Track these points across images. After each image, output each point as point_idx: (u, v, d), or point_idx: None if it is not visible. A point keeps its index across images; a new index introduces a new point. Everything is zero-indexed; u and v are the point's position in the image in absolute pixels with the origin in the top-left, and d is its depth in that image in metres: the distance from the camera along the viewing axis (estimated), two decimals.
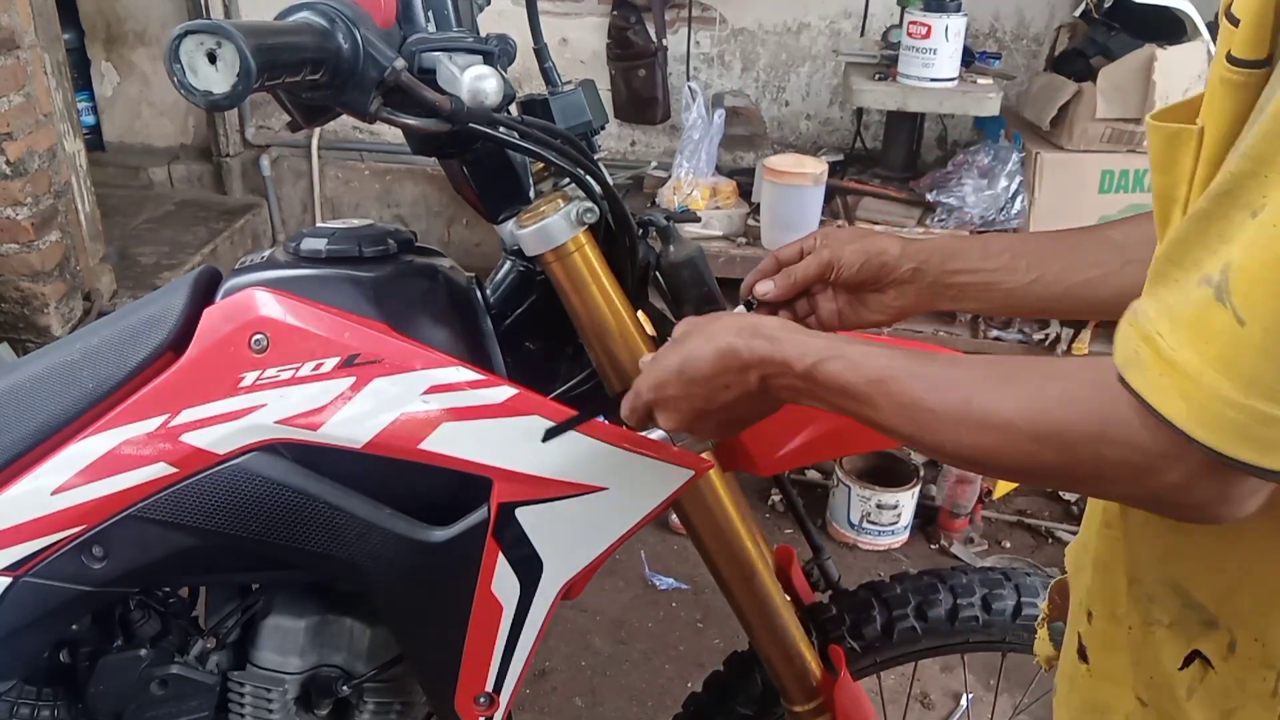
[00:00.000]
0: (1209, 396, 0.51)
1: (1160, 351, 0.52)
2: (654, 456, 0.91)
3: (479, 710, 1.00)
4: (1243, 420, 0.50)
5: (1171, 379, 0.52)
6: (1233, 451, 0.51)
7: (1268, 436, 0.50)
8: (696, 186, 2.44)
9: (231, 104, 0.71)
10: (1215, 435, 0.51)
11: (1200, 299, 0.51)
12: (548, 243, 0.93)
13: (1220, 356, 0.50)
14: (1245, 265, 0.50)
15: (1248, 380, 0.50)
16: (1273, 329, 0.49)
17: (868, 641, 1.17)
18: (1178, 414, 0.52)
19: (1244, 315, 0.49)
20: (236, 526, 0.92)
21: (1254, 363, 0.49)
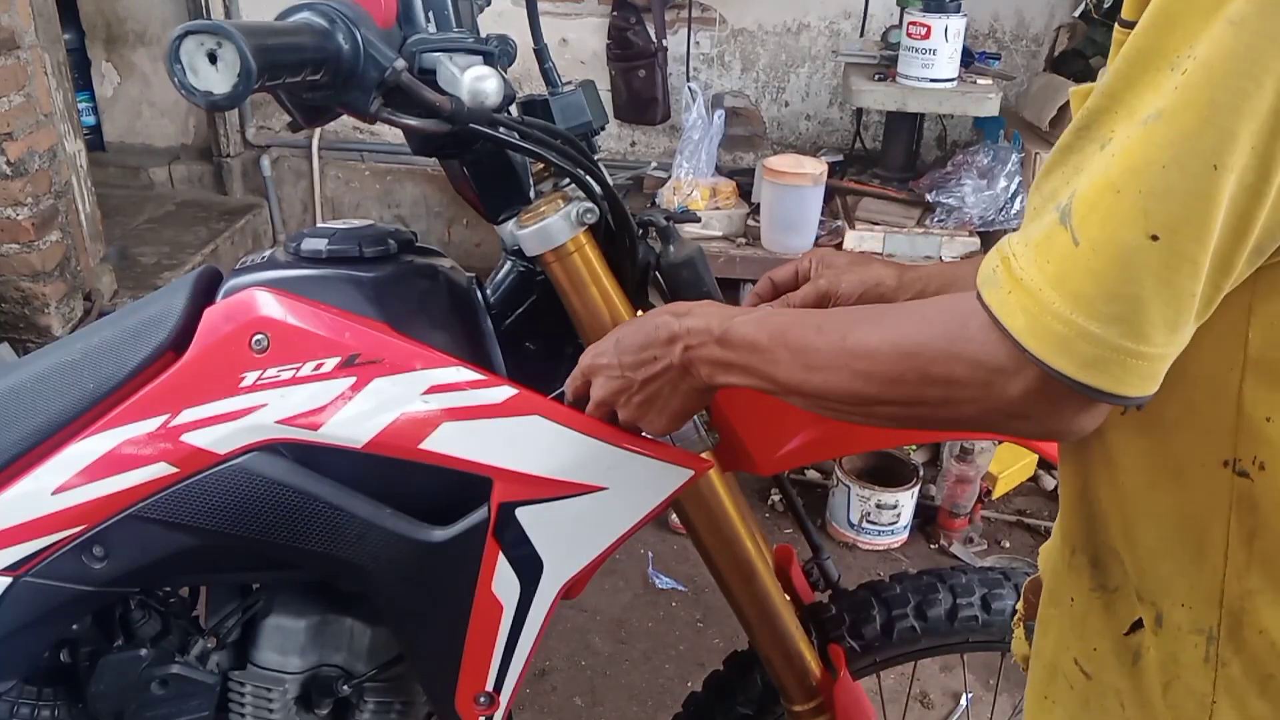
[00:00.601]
0: (1043, 311, 0.54)
1: (1011, 270, 0.56)
2: (654, 456, 0.91)
3: (479, 710, 1.00)
4: (1067, 334, 0.53)
5: (1017, 295, 0.55)
6: (1056, 363, 0.54)
7: (1086, 351, 0.53)
8: (696, 187, 2.44)
9: (232, 104, 0.71)
10: (1043, 347, 0.54)
11: (1049, 223, 0.55)
12: (548, 243, 0.93)
13: (1057, 274, 0.54)
14: (1084, 192, 0.53)
15: (1075, 296, 0.53)
16: (1101, 249, 0.52)
17: (867, 641, 1.17)
18: (1017, 327, 0.55)
19: (1079, 236, 0.53)
20: (237, 526, 0.92)
21: (1081, 281, 0.53)
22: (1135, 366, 0.53)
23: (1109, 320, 0.52)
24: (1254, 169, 0.50)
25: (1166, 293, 0.52)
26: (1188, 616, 0.64)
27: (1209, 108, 0.49)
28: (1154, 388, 0.54)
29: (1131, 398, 0.54)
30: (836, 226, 2.44)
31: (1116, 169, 0.52)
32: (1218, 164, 0.49)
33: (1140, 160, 0.51)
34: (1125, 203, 0.51)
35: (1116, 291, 0.52)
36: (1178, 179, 0.50)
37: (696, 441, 0.93)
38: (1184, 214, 0.50)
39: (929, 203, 2.44)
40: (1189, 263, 0.51)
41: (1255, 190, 0.50)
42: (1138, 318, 0.52)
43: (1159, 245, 0.51)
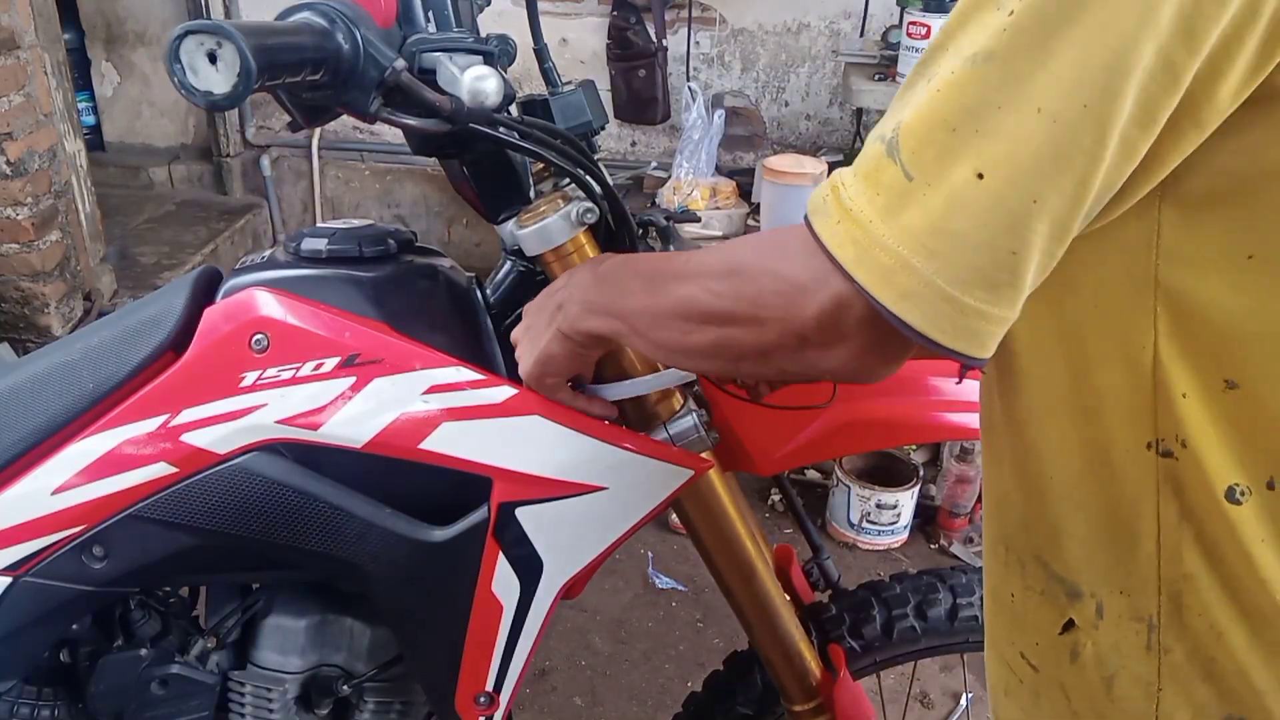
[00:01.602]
0: (871, 242, 0.54)
1: (841, 200, 0.56)
2: (654, 456, 0.91)
3: (479, 710, 1.00)
4: (891, 265, 0.53)
5: (846, 225, 0.56)
6: (878, 293, 0.54)
7: (904, 283, 0.53)
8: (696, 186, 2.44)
9: (232, 104, 0.71)
10: (869, 275, 0.54)
11: (875, 154, 0.55)
12: (548, 243, 0.93)
13: (887, 206, 0.54)
14: (913, 125, 0.54)
15: (902, 229, 0.53)
16: (931, 184, 0.52)
17: (867, 641, 1.17)
18: (846, 258, 0.55)
19: (911, 171, 0.53)
20: (237, 526, 0.92)
21: (910, 214, 0.53)
22: (944, 310, 0.53)
23: (928, 255, 0.52)
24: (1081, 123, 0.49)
25: (983, 236, 0.52)
26: (1127, 604, 0.64)
27: (1043, 54, 0.49)
28: (962, 343, 0.54)
29: (939, 343, 0.54)
30: None
31: (950, 107, 0.52)
32: (1042, 108, 0.50)
33: (974, 99, 0.51)
34: (958, 140, 0.51)
35: (938, 227, 0.52)
36: (1008, 120, 0.50)
37: (696, 441, 0.93)
38: (1008, 156, 0.50)
39: None
40: (1005, 210, 0.51)
41: (1085, 147, 0.50)
42: (954, 257, 0.52)
43: (983, 184, 0.51)
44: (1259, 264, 0.54)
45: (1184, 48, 0.48)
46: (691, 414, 0.93)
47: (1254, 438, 0.57)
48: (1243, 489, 0.58)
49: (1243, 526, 0.58)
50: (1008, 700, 0.76)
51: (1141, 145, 0.50)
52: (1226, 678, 0.61)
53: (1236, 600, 0.60)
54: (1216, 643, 0.61)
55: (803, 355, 0.62)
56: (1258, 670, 0.60)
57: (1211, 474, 0.58)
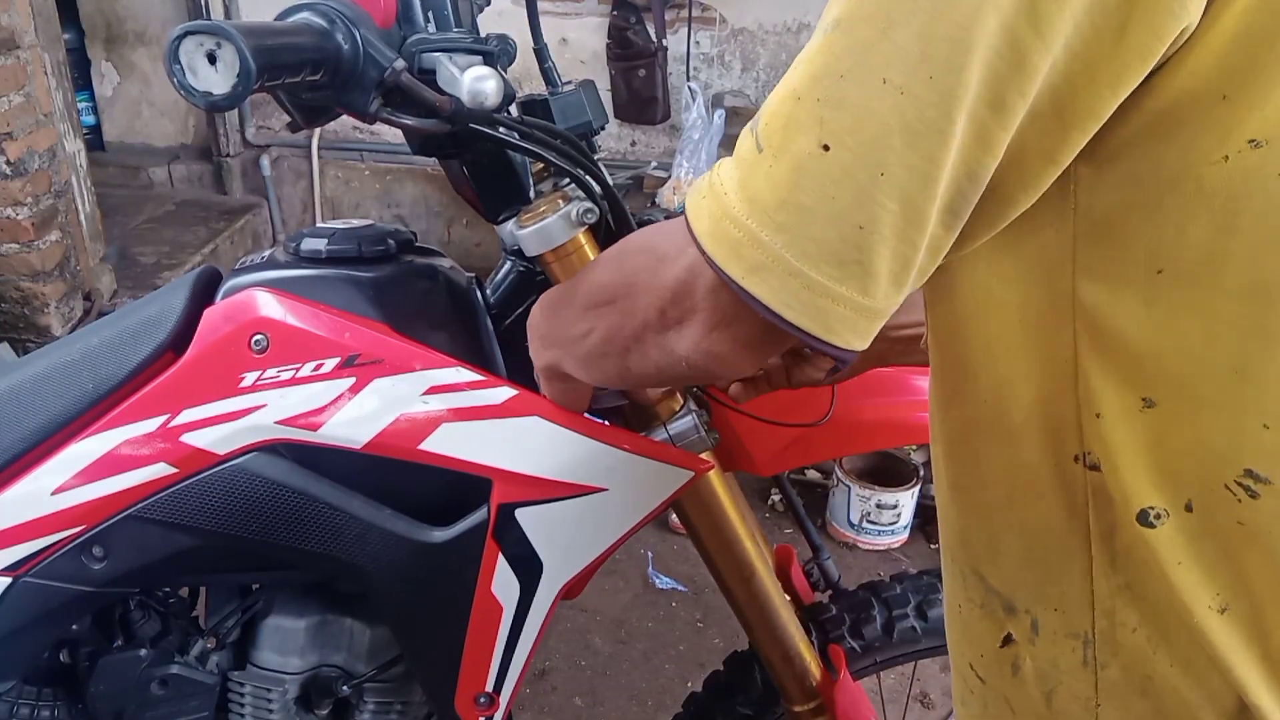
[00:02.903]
0: (724, 214, 0.54)
1: (712, 175, 0.56)
2: (654, 457, 0.91)
3: (479, 710, 1.00)
4: (739, 237, 0.53)
5: (708, 200, 0.55)
6: (725, 264, 0.54)
7: (752, 257, 0.53)
8: None
9: (231, 105, 0.71)
10: (717, 246, 0.54)
11: (745, 130, 0.55)
12: (547, 243, 0.93)
13: (741, 179, 0.54)
14: (770, 98, 0.53)
15: (751, 200, 0.53)
16: (778, 155, 0.52)
17: (868, 641, 1.17)
18: (701, 230, 0.55)
19: (762, 142, 0.53)
20: (237, 527, 0.92)
21: (759, 186, 0.52)
22: (794, 288, 0.52)
23: (775, 229, 0.52)
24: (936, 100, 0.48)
25: (828, 209, 0.50)
26: (1061, 621, 0.63)
27: (886, 21, 0.48)
28: (818, 328, 0.53)
29: (792, 324, 0.53)
30: None
31: (798, 76, 0.51)
32: (886, 78, 0.48)
33: (820, 68, 0.50)
34: (803, 110, 0.50)
35: (785, 200, 0.51)
36: (852, 90, 0.49)
37: (696, 442, 0.93)
38: (853, 127, 0.49)
39: None
40: (851, 181, 0.50)
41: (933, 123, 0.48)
42: (802, 230, 0.51)
43: (828, 156, 0.50)
44: (1169, 279, 0.52)
45: (1029, 27, 0.46)
46: (691, 414, 0.93)
47: (1171, 459, 0.56)
48: (1158, 511, 0.57)
49: (1160, 550, 0.57)
50: (964, 709, 0.75)
51: (996, 130, 0.48)
52: (1163, 696, 0.60)
53: (1161, 621, 0.59)
54: (1149, 660, 0.60)
55: (663, 337, 0.62)
56: (1189, 690, 0.59)
57: (1128, 496, 0.57)
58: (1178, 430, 0.55)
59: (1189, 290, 0.52)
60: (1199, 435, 0.55)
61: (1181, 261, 0.52)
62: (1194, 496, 0.56)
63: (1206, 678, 0.58)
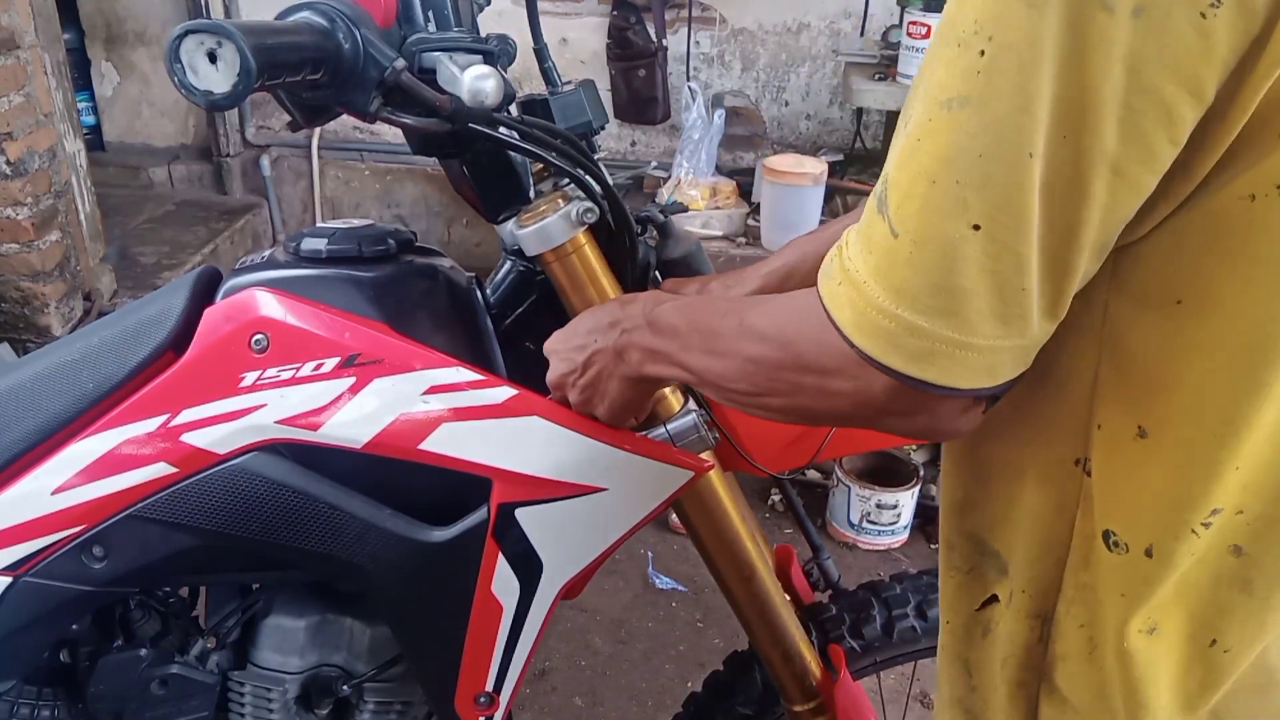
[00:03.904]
0: (868, 305, 0.53)
1: (842, 260, 0.55)
2: (654, 457, 0.91)
3: (479, 710, 1.00)
4: (892, 328, 0.52)
5: (845, 287, 0.55)
6: (884, 358, 0.53)
7: (912, 345, 0.52)
8: (696, 186, 2.44)
9: (232, 104, 0.71)
10: (870, 341, 0.53)
11: (869, 209, 0.54)
12: (547, 243, 0.93)
13: (878, 266, 0.53)
14: (896, 178, 0.52)
15: (897, 290, 0.52)
16: (920, 240, 0.51)
17: (868, 641, 1.17)
18: (844, 320, 0.55)
19: (896, 227, 0.52)
20: (237, 526, 0.92)
21: (902, 273, 0.52)
22: (965, 359, 0.52)
23: (933, 313, 0.51)
24: (1069, 160, 0.48)
25: (990, 282, 0.50)
26: (1027, 603, 0.66)
27: (1020, 95, 0.47)
28: (992, 381, 0.53)
29: (965, 390, 0.53)
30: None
31: (928, 158, 0.51)
32: (1033, 152, 0.48)
33: (953, 149, 0.49)
34: (940, 193, 0.50)
35: (939, 284, 0.51)
36: (996, 168, 0.48)
37: (696, 442, 0.93)
38: (1004, 203, 0.49)
39: None
40: (1011, 253, 0.50)
41: (1073, 180, 0.48)
42: (963, 309, 0.51)
43: (980, 235, 0.49)
44: (1185, 311, 0.53)
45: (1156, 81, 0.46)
46: (692, 414, 0.93)
47: (1144, 496, 0.58)
48: (1118, 540, 0.59)
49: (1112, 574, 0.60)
50: None
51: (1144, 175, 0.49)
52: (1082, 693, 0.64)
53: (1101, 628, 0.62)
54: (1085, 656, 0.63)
55: (880, 423, 0.60)
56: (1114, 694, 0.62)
57: (1100, 511, 0.59)
58: (1160, 467, 0.57)
59: (1200, 330, 0.53)
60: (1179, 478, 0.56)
61: (1198, 297, 0.53)
62: (1157, 542, 0.58)
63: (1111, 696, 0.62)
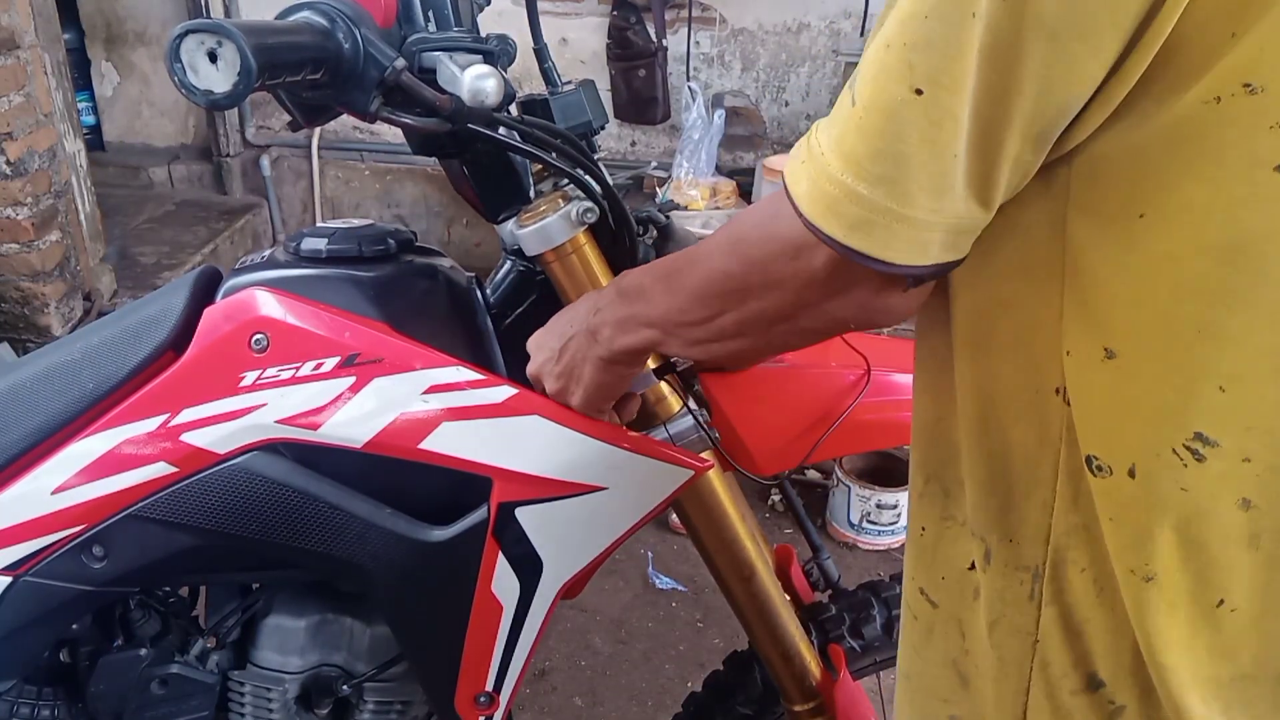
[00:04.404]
0: (821, 174, 0.54)
1: (810, 140, 0.56)
2: (653, 457, 0.91)
3: (479, 710, 1.00)
4: (836, 194, 0.53)
5: (806, 164, 0.55)
6: (824, 225, 0.54)
7: (852, 213, 0.53)
8: (696, 186, 2.44)
9: (232, 103, 0.71)
10: (814, 208, 0.54)
11: (845, 88, 0.54)
12: (547, 243, 0.93)
13: (837, 136, 0.53)
14: (865, 52, 0.53)
15: (846, 156, 0.53)
16: (869, 106, 0.52)
17: (867, 641, 1.17)
18: (799, 193, 0.55)
19: (856, 96, 0.53)
20: (237, 526, 0.92)
21: (852, 140, 0.52)
22: (899, 231, 0.52)
23: (875, 180, 0.51)
24: (1008, 23, 0.47)
25: (928, 151, 0.50)
26: (1013, 553, 0.63)
27: None
28: (922, 259, 0.53)
29: (898, 265, 0.53)
30: None
31: (891, 25, 0.51)
32: (976, 12, 0.48)
33: (907, 12, 0.50)
34: (893, 56, 0.51)
35: (881, 149, 0.51)
36: (938, 29, 0.49)
37: (696, 441, 0.93)
38: (944, 65, 0.49)
39: None
40: (950, 118, 0.50)
41: (1010, 44, 0.48)
42: (902, 177, 0.51)
43: (922, 99, 0.50)
44: (1148, 225, 0.52)
45: None
46: (691, 414, 0.93)
47: (1122, 416, 0.56)
48: (1101, 464, 0.57)
49: (1099, 498, 0.58)
50: (902, 638, 0.76)
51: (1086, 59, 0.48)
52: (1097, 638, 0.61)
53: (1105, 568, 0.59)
54: (1092, 602, 0.60)
55: (822, 311, 0.60)
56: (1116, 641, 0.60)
57: (1082, 438, 0.58)
58: (1133, 386, 0.55)
59: (1166, 241, 0.52)
60: (1153, 394, 0.55)
61: (1162, 208, 0.52)
62: (1138, 461, 0.56)
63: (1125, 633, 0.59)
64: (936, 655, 0.71)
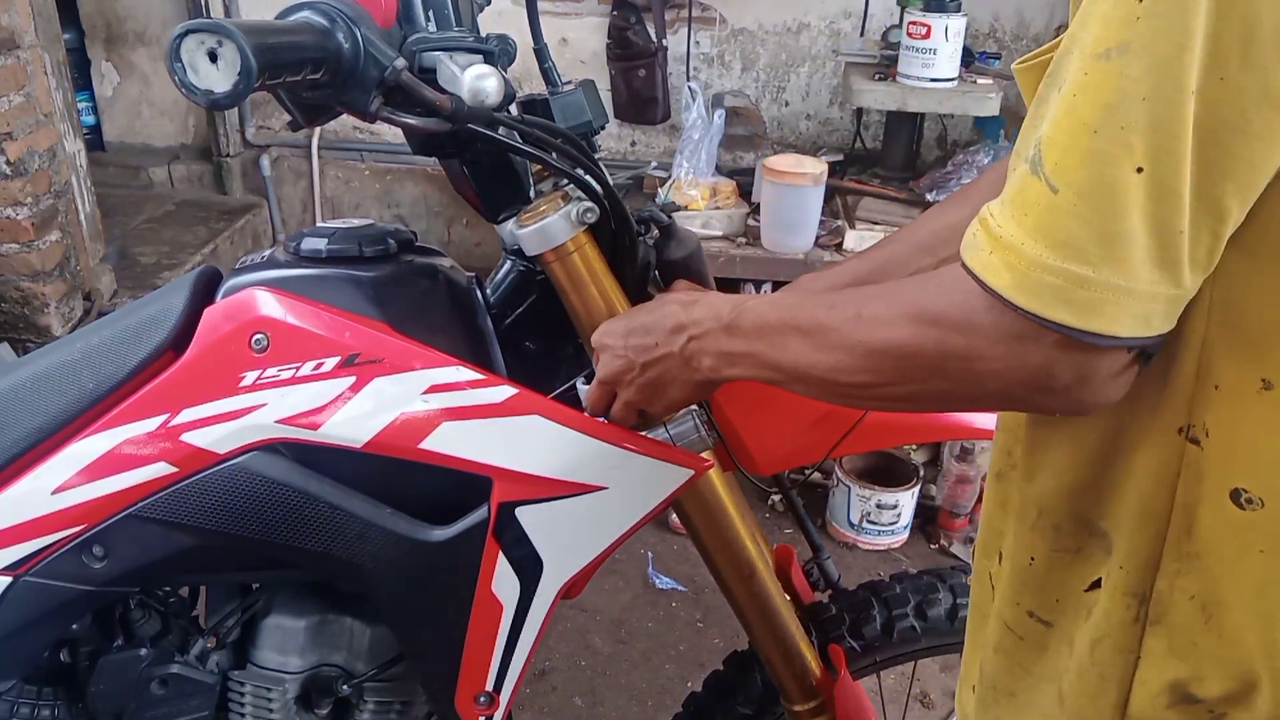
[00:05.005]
0: (1029, 264, 0.53)
1: (989, 230, 0.56)
2: (654, 456, 0.91)
3: (479, 710, 1.00)
4: (1059, 284, 0.53)
5: (998, 253, 0.55)
6: (1053, 315, 0.53)
7: (1083, 297, 0.53)
8: (696, 186, 2.44)
9: (232, 103, 0.71)
10: (1035, 300, 0.54)
11: (1019, 175, 0.54)
12: (548, 242, 0.93)
13: (1037, 225, 0.53)
14: (1053, 136, 0.53)
15: (1062, 244, 0.52)
16: (1083, 193, 0.52)
17: (868, 641, 1.17)
18: (1002, 284, 0.55)
19: (1055, 183, 0.53)
20: (237, 526, 0.92)
21: (1066, 227, 0.52)
22: (1127, 306, 0.52)
23: (1100, 262, 0.52)
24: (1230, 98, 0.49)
25: (1150, 225, 0.51)
26: (1124, 579, 0.65)
27: (1182, 34, 0.49)
28: (1147, 330, 0.54)
29: (1125, 338, 0.53)
30: (837, 226, 2.44)
31: (1089, 109, 0.52)
32: (1194, 90, 0.49)
33: (1116, 95, 0.51)
34: (1104, 140, 0.51)
35: (1104, 232, 0.52)
36: (1159, 110, 0.50)
37: (697, 441, 0.93)
38: (1167, 144, 0.50)
39: (929, 202, 2.44)
40: (1172, 195, 0.51)
41: (1232, 119, 0.50)
42: (1128, 255, 0.52)
43: (1143, 178, 0.51)
44: None
45: None
46: (692, 414, 0.93)
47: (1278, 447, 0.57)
48: (1250, 497, 0.58)
49: (1244, 533, 0.59)
50: (998, 657, 0.76)
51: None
52: (1200, 661, 0.62)
53: (1221, 596, 0.61)
54: (1200, 625, 0.62)
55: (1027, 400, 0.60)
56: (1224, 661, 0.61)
57: (1228, 472, 0.59)
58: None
59: None
60: None
61: None
62: None
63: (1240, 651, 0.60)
64: (1047, 673, 0.72)
